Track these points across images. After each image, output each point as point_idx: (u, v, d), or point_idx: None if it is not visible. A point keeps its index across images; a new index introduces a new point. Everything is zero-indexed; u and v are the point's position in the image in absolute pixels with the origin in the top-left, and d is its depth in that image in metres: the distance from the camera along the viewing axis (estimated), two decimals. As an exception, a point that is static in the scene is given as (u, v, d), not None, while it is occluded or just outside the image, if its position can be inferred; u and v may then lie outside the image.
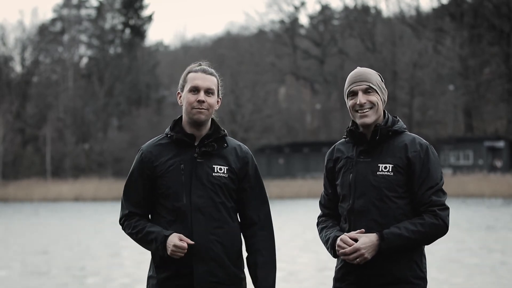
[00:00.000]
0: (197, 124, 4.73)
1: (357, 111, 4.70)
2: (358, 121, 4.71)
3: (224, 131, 4.81)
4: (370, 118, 4.68)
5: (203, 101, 4.70)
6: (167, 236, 4.61)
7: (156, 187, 4.72)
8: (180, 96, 4.78)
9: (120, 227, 4.88)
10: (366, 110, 4.68)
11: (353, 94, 4.73)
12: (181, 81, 4.81)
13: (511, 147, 74.58)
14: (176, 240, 4.58)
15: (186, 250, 4.57)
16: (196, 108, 4.70)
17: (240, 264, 4.77)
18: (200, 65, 4.83)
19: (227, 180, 4.72)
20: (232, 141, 4.85)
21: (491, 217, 34.06)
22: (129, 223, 4.77)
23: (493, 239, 24.68)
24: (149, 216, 4.83)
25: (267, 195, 4.85)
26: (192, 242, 4.59)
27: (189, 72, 4.78)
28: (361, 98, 4.69)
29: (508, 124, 77.81)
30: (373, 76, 4.73)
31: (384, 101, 4.75)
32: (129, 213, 4.79)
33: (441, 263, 18.51)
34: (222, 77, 4.91)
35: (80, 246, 24.99)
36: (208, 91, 4.73)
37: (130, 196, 4.79)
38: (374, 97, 4.69)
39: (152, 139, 4.86)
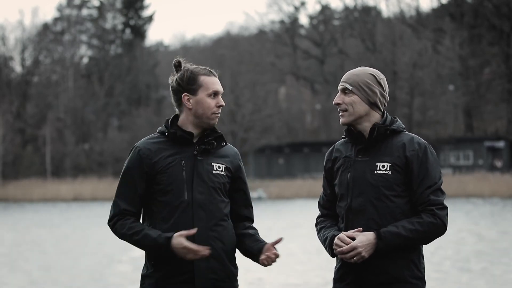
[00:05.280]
0: (208, 127, 4.74)
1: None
2: None
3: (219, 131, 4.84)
4: (344, 118, 4.71)
5: (223, 105, 4.74)
6: (169, 238, 4.55)
7: (154, 183, 4.68)
8: (189, 99, 4.72)
9: (110, 227, 4.75)
10: (341, 111, 4.71)
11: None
12: (189, 84, 4.72)
13: (511, 147, 74.59)
14: (184, 242, 4.54)
15: (198, 251, 4.56)
16: (215, 113, 4.73)
17: (235, 261, 4.79)
18: (191, 64, 4.79)
19: (224, 178, 4.74)
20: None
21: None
22: (123, 223, 4.68)
23: None
24: (141, 213, 4.77)
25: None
26: (195, 231, 4.57)
27: (198, 75, 4.73)
28: (336, 98, 4.73)
29: (508, 124, 77.80)
30: (359, 77, 4.69)
31: (370, 102, 4.69)
32: (122, 211, 4.70)
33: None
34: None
35: (78, 246, 24.97)
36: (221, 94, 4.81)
37: (125, 194, 4.73)
38: (349, 98, 4.68)
39: (147, 137, 4.81)
